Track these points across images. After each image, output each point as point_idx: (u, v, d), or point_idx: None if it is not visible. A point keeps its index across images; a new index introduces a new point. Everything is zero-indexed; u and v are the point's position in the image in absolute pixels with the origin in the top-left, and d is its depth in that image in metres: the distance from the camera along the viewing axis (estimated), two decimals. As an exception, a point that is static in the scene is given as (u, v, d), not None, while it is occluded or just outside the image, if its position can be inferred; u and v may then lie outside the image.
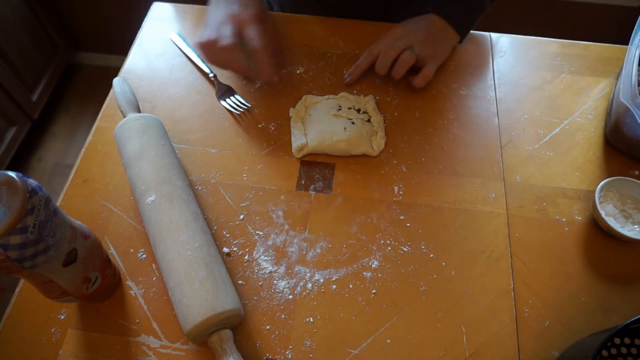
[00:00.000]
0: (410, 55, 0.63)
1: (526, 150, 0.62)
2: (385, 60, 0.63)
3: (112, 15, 1.74)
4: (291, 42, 0.72)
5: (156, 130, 0.55)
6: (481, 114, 0.66)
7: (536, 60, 0.67)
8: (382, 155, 0.61)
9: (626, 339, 0.47)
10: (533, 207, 0.57)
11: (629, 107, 0.54)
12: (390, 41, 0.64)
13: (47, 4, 1.70)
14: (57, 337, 0.47)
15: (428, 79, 0.64)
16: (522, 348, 0.48)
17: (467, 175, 0.60)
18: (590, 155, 0.62)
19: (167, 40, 0.72)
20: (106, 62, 1.96)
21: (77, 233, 0.41)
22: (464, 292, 0.51)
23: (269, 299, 0.50)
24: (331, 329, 0.49)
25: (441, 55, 0.67)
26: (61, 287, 0.42)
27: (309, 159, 0.61)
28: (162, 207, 0.48)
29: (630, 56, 0.59)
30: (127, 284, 0.51)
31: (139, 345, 0.47)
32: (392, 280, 0.52)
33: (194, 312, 0.43)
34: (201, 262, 0.45)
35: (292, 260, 0.53)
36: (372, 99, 0.65)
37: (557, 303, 0.51)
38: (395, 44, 0.63)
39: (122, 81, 0.60)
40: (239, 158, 0.60)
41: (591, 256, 0.54)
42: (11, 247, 0.33)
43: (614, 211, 0.55)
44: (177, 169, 0.53)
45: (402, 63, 0.63)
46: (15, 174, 0.34)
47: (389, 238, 0.54)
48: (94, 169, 0.59)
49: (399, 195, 0.58)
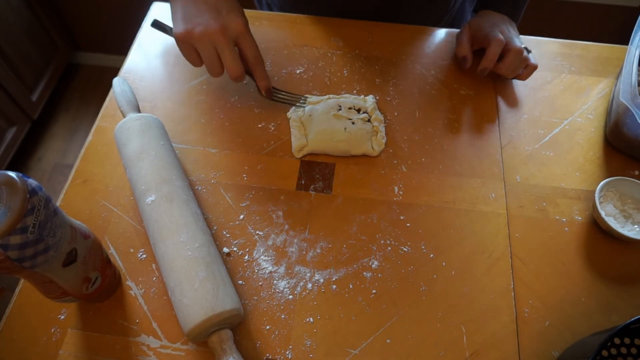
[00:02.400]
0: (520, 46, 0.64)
1: (526, 150, 0.62)
2: (498, 48, 0.64)
3: (112, 15, 1.74)
4: (291, 42, 0.72)
5: (156, 130, 0.55)
6: (481, 114, 0.66)
7: (536, 60, 0.67)
8: (382, 155, 0.61)
9: (626, 339, 0.47)
10: (533, 207, 0.57)
11: (629, 107, 0.54)
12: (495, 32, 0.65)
13: (47, 4, 1.70)
14: (57, 337, 0.47)
15: (535, 68, 0.66)
16: (522, 348, 0.48)
17: (467, 175, 0.60)
18: (590, 155, 0.62)
19: (168, 40, 0.72)
20: (106, 62, 1.96)
21: (77, 233, 0.41)
22: (464, 292, 0.51)
23: (269, 299, 0.50)
24: (331, 329, 0.49)
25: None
26: (61, 287, 0.42)
27: (309, 159, 0.61)
28: (162, 207, 0.48)
29: (630, 56, 0.59)
30: (127, 284, 0.51)
31: (139, 345, 0.47)
32: (392, 280, 0.52)
33: (194, 312, 0.43)
34: (201, 262, 0.45)
35: (292, 260, 0.53)
36: (372, 99, 0.65)
37: (557, 303, 0.51)
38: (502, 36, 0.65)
39: (122, 81, 0.60)
40: (239, 158, 0.60)
41: (591, 256, 0.54)
42: (11, 247, 0.33)
43: (614, 211, 0.55)
44: (177, 169, 0.53)
45: (517, 53, 0.64)
46: (15, 174, 0.34)
47: (389, 238, 0.54)
48: (94, 169, 0.59)
49: (399, 195, 0.58)
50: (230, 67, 0.54)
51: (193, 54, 0.55)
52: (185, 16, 0.53)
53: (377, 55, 0.71)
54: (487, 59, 0.64)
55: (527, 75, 0.66)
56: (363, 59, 0.71)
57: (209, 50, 0.53)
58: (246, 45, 0.55)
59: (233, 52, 0.54)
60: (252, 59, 0.57)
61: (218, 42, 0.53)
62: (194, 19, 0.53)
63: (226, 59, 0.54)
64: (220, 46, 0.53)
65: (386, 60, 0.71)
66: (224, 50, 0.53)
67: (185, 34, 0.53)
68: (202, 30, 0.52)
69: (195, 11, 0.53)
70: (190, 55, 0.55)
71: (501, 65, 0.64)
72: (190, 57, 0.55)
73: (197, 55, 0.55)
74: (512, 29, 0.68)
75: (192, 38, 0.53)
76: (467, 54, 0.67)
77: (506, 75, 0.66)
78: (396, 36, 0.74)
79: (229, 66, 0.54)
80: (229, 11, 0.53)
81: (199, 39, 0.53)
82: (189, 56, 0.56)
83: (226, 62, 0.54)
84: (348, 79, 0.68)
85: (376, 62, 0.71)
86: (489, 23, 0.67)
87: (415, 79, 0.69)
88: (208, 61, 0.54)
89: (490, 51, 0.64)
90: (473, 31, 0.68)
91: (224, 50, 0.53)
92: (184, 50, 0.55)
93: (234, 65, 0.54)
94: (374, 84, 0.68)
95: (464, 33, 0.68)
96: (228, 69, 0.55)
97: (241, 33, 0.54)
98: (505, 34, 0.65)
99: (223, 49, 0.53)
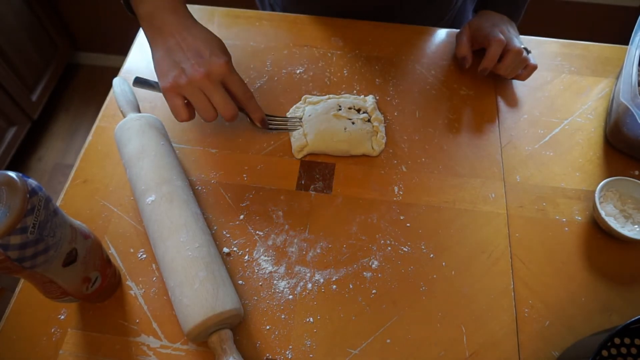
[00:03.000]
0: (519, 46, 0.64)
1: (526, 150, 0.62)
2: (499, 48, 0.64)
3: (112, 15, 1.74)
4: (291, 42, 0.73)
5: (156, 130, 0.55)
6: (481, 114, 0.66)
7: (536, 60, 0.67)
8: (382, 155, 0.61)
9: (626, 339, 0.47)
10: (533, 207, 0.57)
11: (629, 107, 0.54)
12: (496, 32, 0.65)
13: (47, 4, 1.70)
14: (57, 337, 0.47)
15: (535, 69, 0.66)
16: (522, 348, 0.48)
17: (467, 175, 0.60)
18: (590, 155, 0.62)
19: (167, 40, 0.71)
20: (106, 62, 1.96)
21: (77, 233, 0.41)
22: (464, 292, 0.51)
23: (269, 299, 0.50)
24: (331, 329, 0.49)
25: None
26: (61, 287, 0.42)
27: (309, 159, 0.61)
28: (162, 207, 0.48)
29: (630, 56, 0.59)
30: (127, 284, 0.51)
31: (139, 345, 0.47)
32: (392, 280, 0.52)
33: (194, 312, 0.43)
34: (201, 262, 0.45)
35: (292, 260, 0.53)
36: (372, 99, 0.65)
37: (557, 303, 0.51)
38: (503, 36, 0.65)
39: (122, 81, 0.60)
40: (239, 158, 0.60)
41: (591, 256, 0.54)
42: (11, 247, 0.33)
43: (614, 211, 0.55)
44: (177, 169, 0.53)
45: (517, 54, 0.64)
46: (15, 174, 0.34)
47: (389, 238, 0.54)
48: (94, 169, 0.59)
49: (399, 195, 0.58)
50: (223, 110, 0.53)
51: (181, 104, 0.53)
52: (168, 65, 0.52)
53: (377, 55, 0.72)
54: (488, 59, 0.64)
55: (526, 76, 0.66)
56: (363, 59, 0.71)
57: (198, 97, 0.52)
58: (233, 84, 0.54)
59: (223, 94, 0.53)
60: (242, 96, 0.56)
61: (206, 88, 0.52)
62: (176, 67, 0.52)
63: (218, 103, 0.53)
64: (209, 91, 0.52)
65: (386, 60, 0.71)
66: (212, 94, 0.52)
67: (172, 85, 0.52)
68: (187, 79, 0.51)
69: (178, 57, 0.52)
70: (178, 107, 0.53)
71: (500, 66, 0.65)
72: (178, 109, 0.53)
73: (185, 105, 0.54)
74: (512, 29, 0.68)
75: (180, 88, 0.52)
76: (466, 54, 0.67)
77: (505, 76, 0.66)
78: (396, 36, 0.74)
79: (222, 109, 0.53)
80: (211, 53, 0.52)
81: (187, 88, 0.52)
82: (177, 108, 0.53)
83: (218, 105, 0.53)
84: (348, 79, 0.69)
85: (376, 62, 0.71)
86: (489, 23, 0.67)
87: (415, 79, 0.69)
88: (201, 108, 0.53)
89: (491, 51, 0.64)
90: (473, 31, 0.68)
91: (212, 95, 0.52)
92: (173, 101, 0.53)
93: (226, 107, 0.53)
94: (374, 84, 0.68)
95: (464, 33, 0.68)
96: (221, 112, 0.54)
97: (225, 74, 0.53)
98: (506, 34, 0.65)
99: (212, 93, 0.52)
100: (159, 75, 0.53)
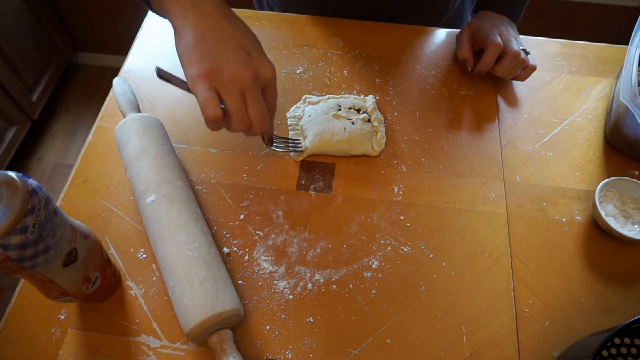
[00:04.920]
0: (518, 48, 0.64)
1: (526, 150, 0.62)
2: (496, 52, 0.64)
3: (112, 15, 1.74)
4: (291, 42, 0.72)
5: (156, 130, 0.55)
6: (481, 114, 0.66)
7: (536, 60, 0.67)
8: (382, 155, 0.61)
9: (626, 339, 0.47)
10: (533, 207, 0.57)
11: (629, 107, 0.54)
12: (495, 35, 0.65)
13: (47, 4, 1.70)
14: (57, 337, 0.47)
15: (534, 70, 0.66)
16: (522, 348, 0.48)
17: (467, 175, 0.60)
18: (590, 155, 0.62)
19: (167, 40, 0.72)
20: (106, 62, 1.96)
21: (77, 233, 0.41)
22: (464, 292, 0.51)
23: (269, 299, 0.50)
24: (331, 329, 0.49)
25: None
26: (61, 287, 0.42)
27: (309, 159, 0.61)
28: (162, 207, 0.49)
29: (630, 56, 0.59)
30: (127, 284, 0.51)
31: (139, 345, 0.47)
32: (392, 280, 0.52)
33: (194, 312, 0.43)
34: (201, 262, 0.45)
35: (292, 260, 0.53)
36: (372, 99, 0.65)
37: (557, 303, 0.51)
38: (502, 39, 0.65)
39: (122, 81, 0.60)
40: (239, 158, 0.60)
41: (591, 256, 0.54)
42: (11, 247, 0.33)
43: (614, 211, 0.55)
44: (177, 169, 0.53)
45: (514, 56, 0.63)
46: (15, 174, 0.34)
47: (389, 238, 0.54)
48: (94, 169, 0.59)
49: (399, 195, 0.58)
50: (258, 122, 0.45)
51: (215, 97, 0.43)
52: (204, 53, 0.43)
53: (377, 55, 0.72)
54: (484, 62, 0.64)
55: (525, 76, 0.66)
56: (363, 59, 0.71)
57: (237, 99, 0.44)
58: (271, 95, 0.47)
59: (262, 105, 0.45)
60: (272, 110, 0.49)
61: (249, 92, 0.44)
62: (216, 58, 0.43)
63: (256, 113, 0.45)
64: (250, 96, 0.44)
65: (386, 60, 0.71)
66: (253, 101, 0.44)
67: (207, 75, 0.42)
68: (230, 76, 0.42)
69: (219, 46, 0.43)
70: (210, 100, 0.43)
71: (498, 68, 0.65)
72: (210, 102, 0.43)
73: (217, 102, 0.43)
74: (511, 29, 0.68)
75: (218, 82, 0.43)
76: (467, 56, 0.67)
77: (504, 77, 0.66)
78: (396, 36, 0.74)
79: (257, 122, 0.45)
80: (259, 54, 0.45)
81: (228, 85, 0.43)
82: (209, 101, 0.43)
83: (255, 116, 0.45)
84: (348, 79, 0.69)
85: (376, 62, 0.71)
86: (489, 24, 0.67)
87: (415, 79, 0.69)
88: (236, 112, 0.44)
89: (487, 55, 0.64)
90: (473, 32, 0.68)
91: (253, 102, 0.44)
92: (206, 92, 0.43)
93: (262, 121, 0.45)
94: (374, 84, 0.68)
95: (464, 34, 0.68)
96: (255, 125, 0.46)
97: (272, 81, 0.46)
98: (505, 36, 0.65)
99: (253, 100, 0.44)
100: (189, 61, 0.43)
